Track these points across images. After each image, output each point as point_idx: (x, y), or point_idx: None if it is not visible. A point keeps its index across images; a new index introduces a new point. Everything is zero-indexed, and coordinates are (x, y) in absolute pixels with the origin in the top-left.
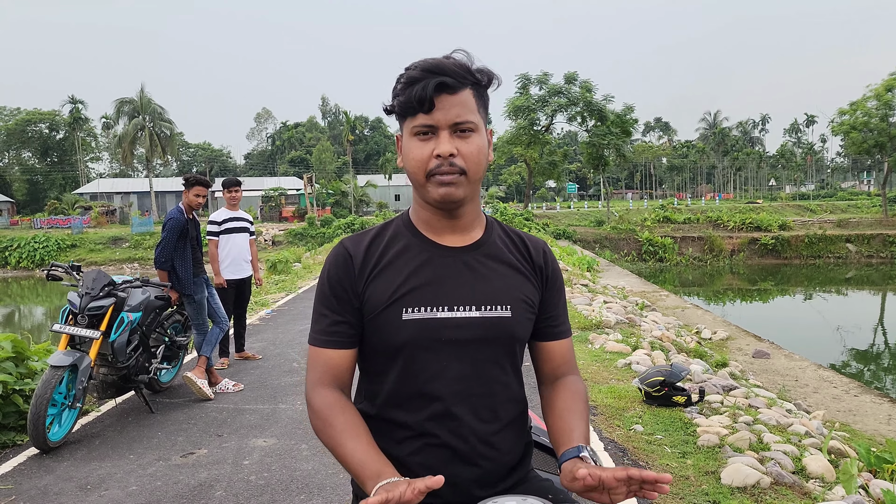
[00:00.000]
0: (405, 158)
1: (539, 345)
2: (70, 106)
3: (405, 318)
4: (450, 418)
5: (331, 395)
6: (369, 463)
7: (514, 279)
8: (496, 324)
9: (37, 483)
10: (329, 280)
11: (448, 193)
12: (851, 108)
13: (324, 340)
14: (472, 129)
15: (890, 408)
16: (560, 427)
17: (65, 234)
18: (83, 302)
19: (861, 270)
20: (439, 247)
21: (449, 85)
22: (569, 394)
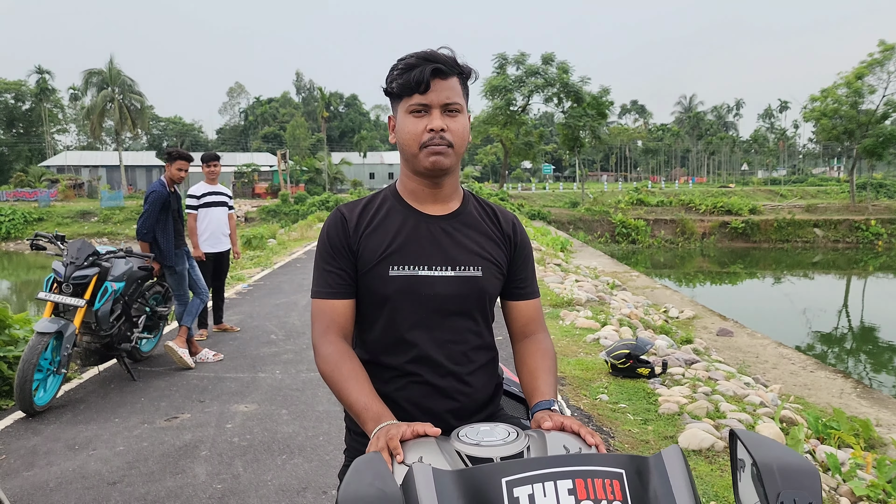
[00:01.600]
0: (400, 132)
1: (509, 304)
2: (37, 76)
3: (391, 274)
4: (428, 361)
5: (336, 343)
6: (371, 407)
7: (486, 244)
8: (468, 281)
9: (25, 444)
10: (329, 239)
11: (437, 161)
12: (822, 94)
13: (326, 292)
14: (459, 111)
15: (843, 383)
16: (532, 383)
17: (31, 208)
18: (68, 271)
19: (827, 255)
20: (422, 214)
21: (442, 71)
22: (539, 352)
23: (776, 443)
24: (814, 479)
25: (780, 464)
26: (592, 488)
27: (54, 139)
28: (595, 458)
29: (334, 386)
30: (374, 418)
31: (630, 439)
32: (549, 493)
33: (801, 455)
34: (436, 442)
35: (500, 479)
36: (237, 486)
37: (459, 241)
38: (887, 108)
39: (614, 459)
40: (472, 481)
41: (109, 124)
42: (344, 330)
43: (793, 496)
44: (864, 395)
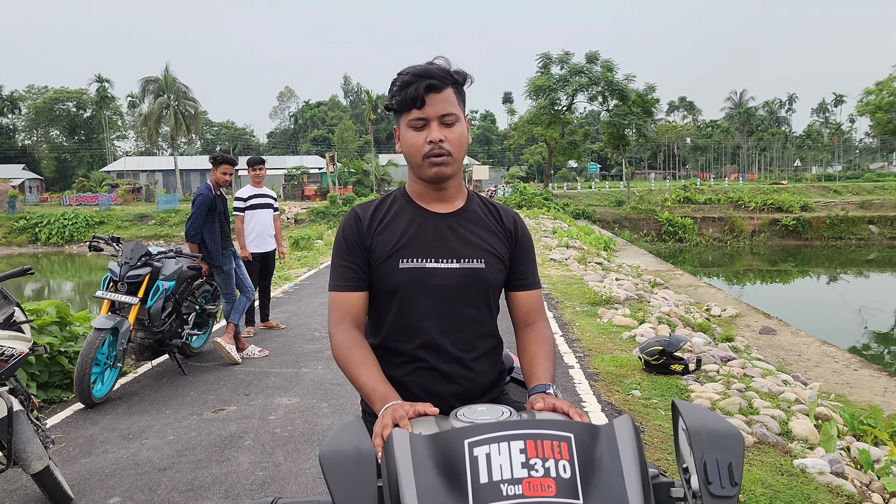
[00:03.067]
0: (403, 144)
1: (511, 294)
2: (97, 84)
3: (401, 266)
4: (435, 347)
5: (349, 332)
6: (379, 389)
7: (488, 238)
8: (472, 273)
9: (84, 433)
10: (344, 236)
11: (439, 171)
12: (877, 87)
13: (342, 285)
14: (455, 120)
15: (887, 381)
16: (530, 368)
17: (93, 211)
18: (122, 271)
19: (883, 252)
20: (429, 212)
21: (435, 85)
22: (538, 340)
23: (707, 411)
24: (736, 442)
25: (707, 428)
26: (542, 448)
27: (114, 145)
28: (546, 423)
29: (347, 370)
30: (382, 399)
31: (660, 434)
32: (503, 452)
33: (728, 421)
34: (435, 420)
35: (463, 441)
36: (277, 474)
37: (463, 236)
38: None
39: (564, 424)
40: (441, 443)
41: (165, 130)
42: (357, 320)
43: (715, 455)
44: None
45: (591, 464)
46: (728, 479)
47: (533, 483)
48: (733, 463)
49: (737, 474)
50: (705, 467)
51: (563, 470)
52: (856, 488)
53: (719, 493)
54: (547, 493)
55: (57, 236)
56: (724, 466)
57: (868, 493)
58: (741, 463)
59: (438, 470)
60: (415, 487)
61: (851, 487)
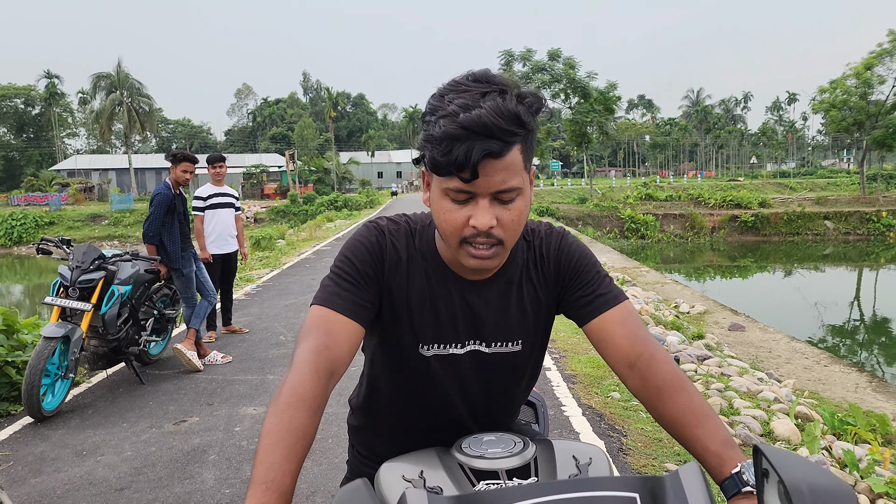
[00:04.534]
0: (435, 213)
1: (591, 328)
2: (46, 81)
3: (421, 352)
4: (455, 422)
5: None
6: (262, 496)
7: (531, 306)
8: (505, 358)
9: (33, 450)
10: (357, 258)
11: (481, 265)
12: (831, 86)
13: (338, 305)
14: (517, 195)
15: (858, 377)
16: (687, 431)
17: (42, 212)
18: (74, 275)
19: (838, 247)
20: (459, 279)
21: (496, 152)
22: (674, 382)
23: (805, 460)
24: (849, 502)
25: (811, 485)
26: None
27: (64, 143)
28: (606, 482)
29: (263, 438)
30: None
31: (643, 438)
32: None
33: (833, 474)
34: (436, 454)
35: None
36: (245, 492)
37: (499, 310)
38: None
39: (627, 482)
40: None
41: (119, 128)
42: (337, 360)
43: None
44: (880, 389)
45: None
46: None
47: None
48: None
49: None
50: None
51: None
52: None
53: None
54: None
55: (4, 237)
56: None
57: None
58: None
59: None
60: None
61: None
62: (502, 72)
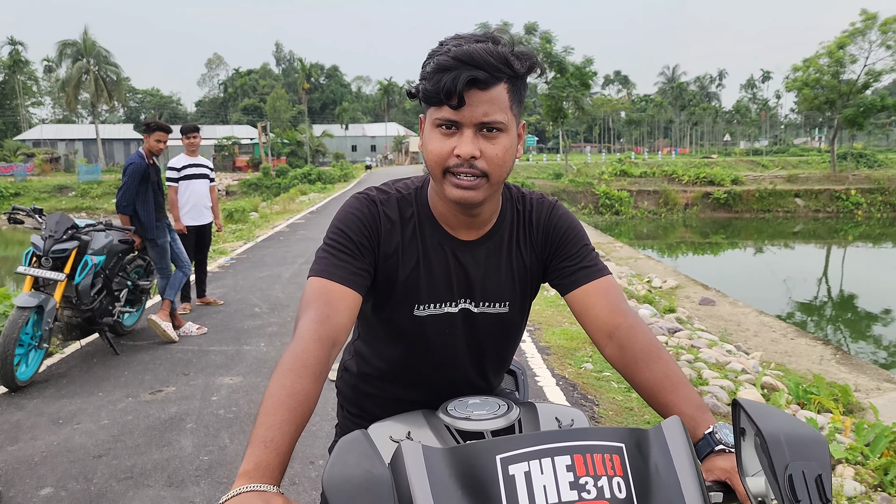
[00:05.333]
0: (424, 147)
1: (572, 298)
2: (9, 48)
3: (416, 313)
4: (443, 384)
5: (311, 356)
6: (264, 455)
7: (518, 270)
8: (492, 318)
9: (9, 418)
10: (350, 229)
11: (464, 197)
12: (804, 64)
13: (337, 276)
14: (501, 129)
15: (823, 350)
16: (662, 396)
17: (7, 182)
18: (47, 245)
19: (808, 224)
20: (452, 239)
21: (481, 80)
22: (651, 351)
23: (782, 412)
24: (823, 450)
25: (787, 434)
26: (592, 464)
27: (29, 112)
28: (593, 433)
29: (265, 403)
30: (257, 468)
31: (614, 406)
32: (546, 469)
33: (808, 424)
34: (423, 416)
35: (494, 457)
36: (224, 458)
37: (489, 272)
38: (868, 78)
39: (614, 433)
40: (464, 459)
41: (85, 97)
42: (339, 329)
43: (801, 467)
44: (844, 362)
45: (645, 478)
46: (818, 494)
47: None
48: (823, 475)
49: (827, 488)
50: (791, 482)
51: (619, 489)
52: None
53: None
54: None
55: None
56: (812, 479)
57: None
58: (830, 475)
59: (464, 492)
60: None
61: None
62: None
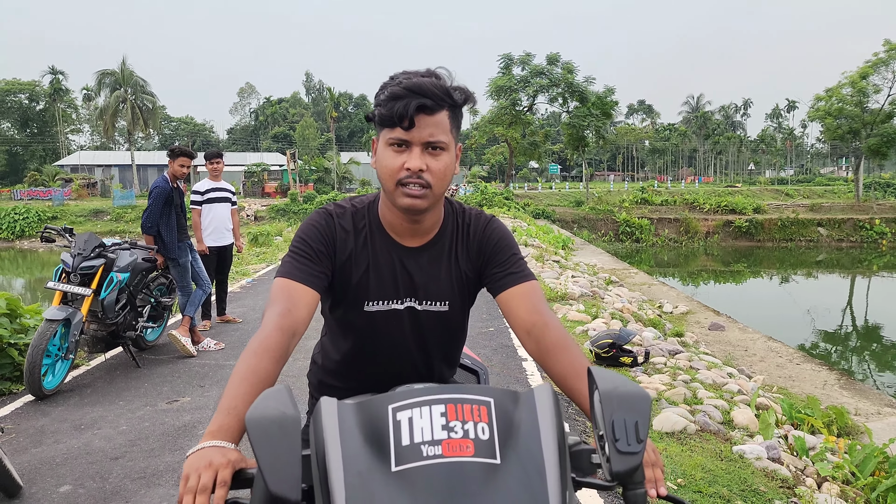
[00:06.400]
0: (378, 162)
1: (501, 298)
2: (50, 76)
3: (366, 309)
4: (394, 374)
5: (274, 339)
6: (227, 419)
7: (456, 274)
8: (435, 316)
9: (34, 423)
10: (309, 238)
11: (413, 204)
12: (827, 94)
13: (298, 276)
14: (443, 148)
15: (827, 375)
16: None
17: (45, 206)
18: (75, 262)
19: (831, 254)
20: (398, 246)
21: (428, 106)
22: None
23: (619, 376)
24: (643, 402)
25: (617, 392)
26: (461, 411)
27: (68, 139)
28: (467, 389)
29: (235, 374)
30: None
31: None
32: (424, 415)
33: (637, 385)
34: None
35: (387, 406)
36: None
37: (430, 274)
38: (893, 108)
39: (485, 390)
40: (368, 410)
41: (122, 124)
42: (299, 322)
43: (623, 416)
44: (847, 387)
45: (510, 427)
46: (634, 436)
47: (452, 444)
48: (640, 421)
49: (642, 432)
50: (613, 427)
51: (482, 432)
52: (790, 473)
53: (625, 450)
54: (465, 452)
55: (7, 231)
56: (632, 425)
57: (802, 478)
58: (647, 421)
59: (364, 436)
60: (340, 452)
61: (786, 472)
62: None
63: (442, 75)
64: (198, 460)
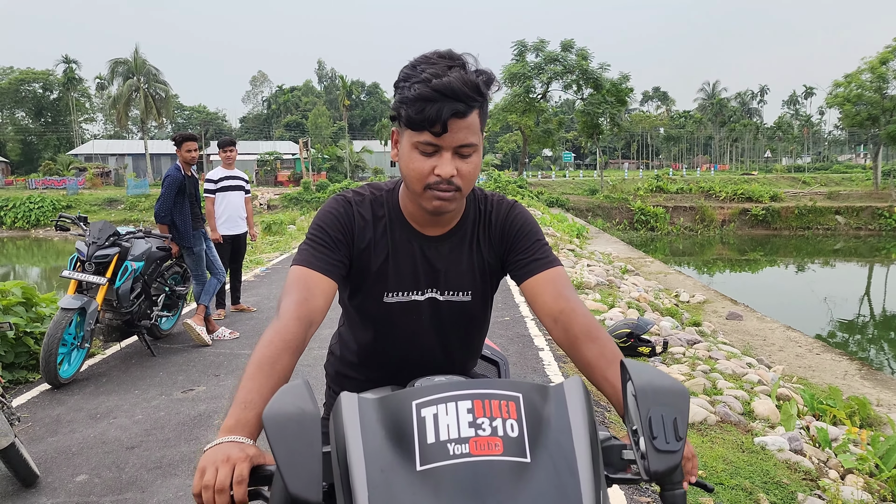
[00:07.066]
0: (403, 162)
1: (526, 286)
2: (64, 66)
3: (385, 300)
4: (414, 365)
5: (294, 329)
6: (245, 413)
7: (478, 262)
8: (457, 306)
9: (50, 413)
10: (327, 226)
11: (441, 206)
12: (846, 80)
13: (315, 265)
14: (473, 151)
15: (848, 365)
16: (606, 383)
17: (60, 195)
18: (90, 250)
19: (849, 242)
20: (419, 235)
21: (461, 112)
22: (596, 343)
23: (654, 369)
24: (681, 397)
25: (653, 386)
26: (489, 407)
27: (82, 128)
28: (495, 384)
29: (250, 367)
30: (238, 423)
31: None
32: (450, 412)
33: (674, 378)
34: (390, 390)
35: (411, 402)
36: None
37: (452, 263)
38: None
39: (513, 385)
40: (390, 406)
41: (135, 113)
42: (316, 311)
43: (661, 412)
44: (868, 377)
45: (539, 423)
46: (673, 433)
47: (480, 442)
48: (678, 418)
49: (681, 429)
50: (650, 423)
51: (511, 429)
52: (813, 465)
53: (664, 448)
54: (494, 451)
55: (22, 220)
56: (670, 421)
57: (825, 470)
58: (686, 418)
59: (386, 432)
60: (362, 450)
61: (809, 464)
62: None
63: (467, 62)
64: (215, 455)
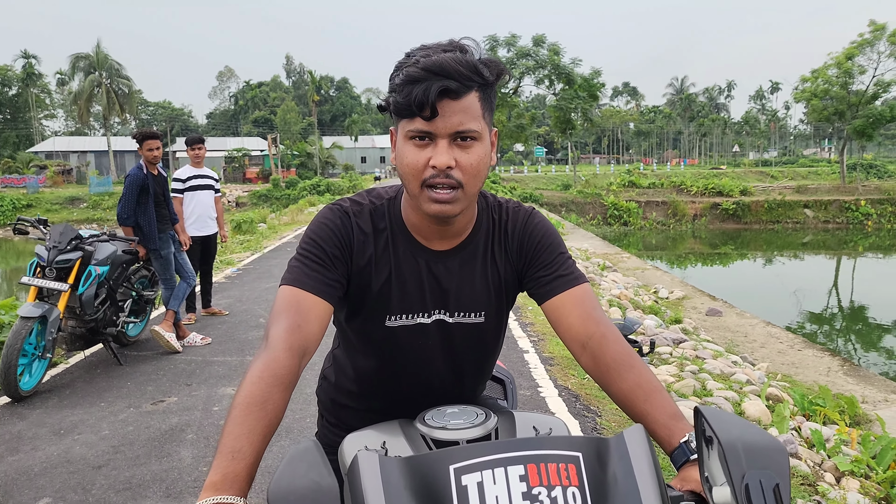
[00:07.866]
0: (399, 160)
1: (548, 307)
2: (23, 61)
3: (387, 324)
4: (420, 394)
5: (285, 362)
6: (227, 465)
7: (493, 279)
8: (469, 329)
9: (10, 429)
10: (322, 239)
11: (442, 210)
12: (813, 75)
13: (308, 285)
14: (474, 138)
15: (830, 361)
16: (637, 406)
17: (20, 194)
18: (51, 255)
19: (818, 235)
20: (425, 251)
21: (452, 89)
22: (625, 360)
23: (741, 420)
24: (781, 458)
25: (744, 442)
26: (546, 473)
27: (42, 125)
28: (549, 442)
29: (232, 411)
30: (224, 480)
31: (617, 418)
32: (499, 479)
33: (767, 432)
34: (399, 425)
35: (447, 466)
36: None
37: (463, 281)
38: (877, 89)
39: (570, 442)
40: (420, 469)
41: (97, 109)
42: (308, 339)
43: (758, 476)
44: (851, 373)
45: (603, 487)
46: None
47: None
48: (780, 484)
49: (785, 498)
50: (747, 491)
51: (573, 499)
52: (809, 468)
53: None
54: None
55: None
56: (770, 489)
57: (821, 473)
58: (789, 484)
59: (418, 503)
60: None
61: (805, 468)
62: None
63: (468, 48)
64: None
